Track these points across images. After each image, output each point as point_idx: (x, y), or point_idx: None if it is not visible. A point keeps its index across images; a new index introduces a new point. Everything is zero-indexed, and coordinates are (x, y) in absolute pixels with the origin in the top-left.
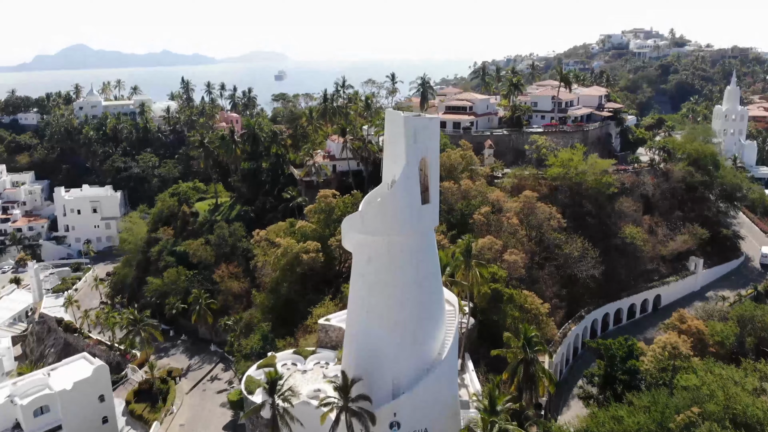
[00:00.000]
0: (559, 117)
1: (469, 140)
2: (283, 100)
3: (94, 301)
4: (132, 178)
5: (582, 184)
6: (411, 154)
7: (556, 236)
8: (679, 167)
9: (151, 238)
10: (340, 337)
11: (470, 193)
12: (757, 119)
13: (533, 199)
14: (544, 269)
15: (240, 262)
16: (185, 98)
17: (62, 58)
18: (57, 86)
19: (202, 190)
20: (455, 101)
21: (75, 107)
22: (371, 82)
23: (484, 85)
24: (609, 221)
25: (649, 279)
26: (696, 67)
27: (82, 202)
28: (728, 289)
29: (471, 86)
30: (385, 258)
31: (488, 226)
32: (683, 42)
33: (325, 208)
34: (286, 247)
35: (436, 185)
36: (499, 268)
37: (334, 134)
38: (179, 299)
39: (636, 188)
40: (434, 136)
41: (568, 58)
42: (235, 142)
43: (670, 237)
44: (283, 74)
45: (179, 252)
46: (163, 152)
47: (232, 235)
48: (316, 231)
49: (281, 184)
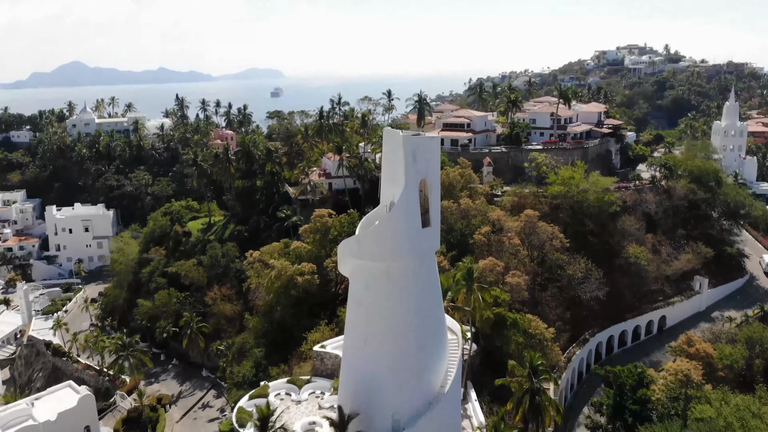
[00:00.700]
0: (558, 134)
1: (467, 158)
2: (278, 118)
3: (84, 323)
4: (125, 197)
5: (583, 203)
6: (410, 175)
7: (558, 256)
8: (681, 184)
9: (143, 258)
10: (337, 364)
11: (470, 212)
12: (755, 134)
13: (535, 218)
14: (547, 291)
15: (233, 283)
16: (180, 115)
17: (58, 75)
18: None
19: (195, 208)
20: (453, 118)
21: (68, 125)
22: (367, 99)
23: (481, 101)
24: (612, 240)
25: (653, 299)
26: (692, 82)
27: (74, 221)
28: (734, 309)
29: (467, 103)
30: (384, 284)
31: (489, 247)
32: (678, 58)
33: (320, 227)
34: (280, 269)
35: (437, 207)
36: (501, 291)
37: (330, 152)
38: (170, 322)
39: (638, 206)
40: (435, 156)
41: (564, 74)
42: (229, 159)
43: (674, 256)
44: (280, 91)
45: (171, 273)
46: (157, 170)
47: (225, 256)
48: (312, 252)
49: (276, 203)
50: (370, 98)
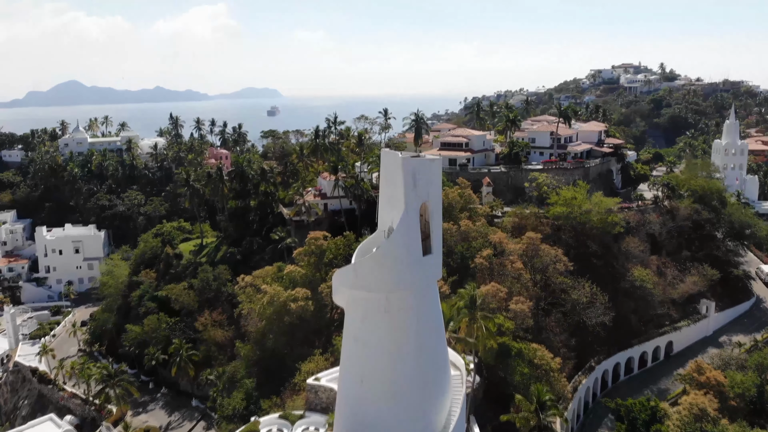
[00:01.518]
0: (558, 153)
1: (466, 177)
2: (273, 137)
3: (72, 348)
4: (117, 217)
5: (586, 224)
6: (410, 199)
7: (562, 280)
8: (684, 204)
9: (132, 281)
10: (332, 398)
11: (470, 234)
12: (755, 153)
13: (537, 240)
14: (551, 316)
15: (224, 308)
16: (174, 134)
17: (55, 94)
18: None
19: (188, 229)
20: (450, 137)
21: (60, 144)
22: (364, 118)
23: (479, 120)
24: (616, 263)
25: (660, 324)
26: (688, 101)
27: (64, 242)
28: (742, 333)
29: (463, 122)
30: (382, 317)
31: (490, 270)
32: (673, 76)
33: (315, 250)
34: (272, 295)
35: (438, 233)
36: (505, 319)
37: (326, 171)
38: (159, 349)
39: (641, 227)
40: (436, 179)
41: (559, 93)
42: (223, 179)
43: (679, 279)
44: (276, 110)
45: (161, 297)
46: (150, 189)
47: (217, 279)
48: (306, 276)
49: (270, 224)
50: (367, 117)
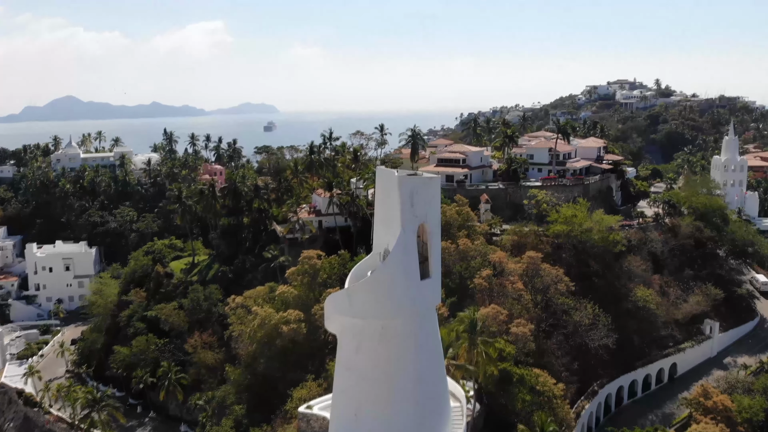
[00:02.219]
0: (557, 170)
1: (463, 194)
2: (267, 153)
3: (60, 369)
4: (108, 234)
5: (587, 242)
6: (407, 220)
7: (564, 301)
8: (686, 222)
9: (122, 300)
10: (324, 427)
11: (469, 253)
12: (754, 169)
13: (537, 259)
14: (552, 338)
15: (215, 329)
16: (168, 150)
17: (51, 109)
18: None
19: (179, 247)
20: (447, 153)
21: (53, 159)
22: (359, 134)
23: (476, 136)
24: (617, 282)
25: (663, 345)
26: (685, 116)
27: (55, 259)
28: (746, 355)
29: (460, 137)
30: (378, 346)
31: (490, 291)
32: (669, 92)
33: (308, 270)
34: (263, 318)
35: (437, 255)
36: (506, 343)
37: (321, 188)
38: (147, 372)
39: (643, 245)
40: (435, 198)
41: (555, 109)
42: (215, 196)
43: (682, 298)
44: (273, 125)
45: (150, 317)
46: (143, 206)
47: (208, 299)
48: (299, 297)
49: (263, 242)
50: (362, 133)
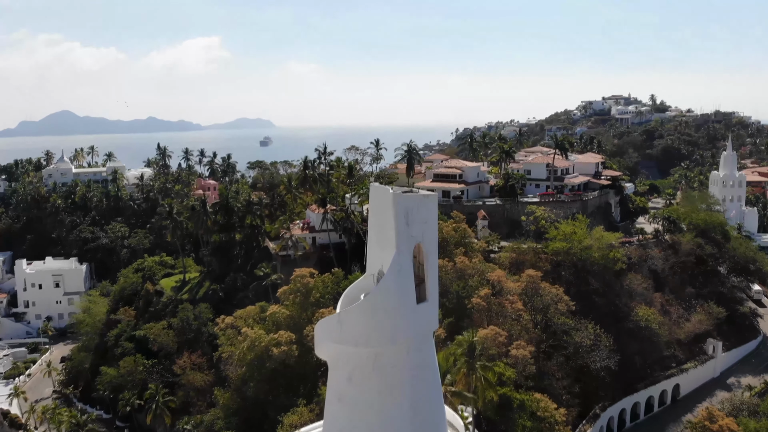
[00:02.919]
0: (555, 186)
1: (460, 210)
2: (260, 168)
3: (47, 389)
4: (99, 250)
5: (587, 260)
6: (402, 240)
7: (564, 321)
8: (686, 239)
9: (110, 319)
10: None
11: (466, 271)
12: (752, 184)
13: (537, 278)
14: (552, 360)
15: (205, 350)
16: (161, 165)
17: (47, 124)
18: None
19: (170, 264)
20: (444, 168)
21: (44, 174)
22: (354, 149)
23: (472, 151)
24: (618, 301)
25: (666, 366)
26: (680, 131)
27: (44, 276)
28: (750, 375)
29: (455, 152)
30: (371, 376)
31: (489, 311)
32: (664, 107)
33: (301, 289)
34: (253, 340)
35: (434, 278)
36: (505, 366)
37: (314, 204)
38: (135, 394)
39: (643, 263)
40: (431, 217)
41: (550, 124)
42: (207, 212)
43: (684, 317)
44: (269, 140)
45: (139, 337)
46: (135, 221)
47: (197, 319)
48: (291, 318)
49: (255, 259)
50: (357, 148)
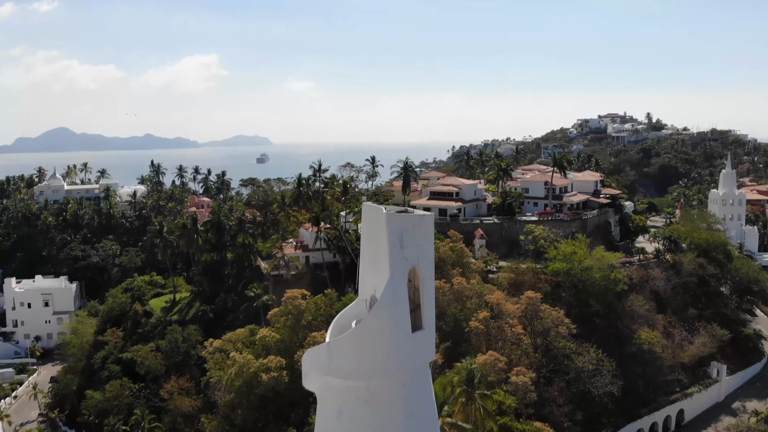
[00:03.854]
0: (554, 204)
1: (457, 229)
2: (252, 185)
3: (33, 412)
4: (90, 268)
5: (587, 281)
6: (397, 264)
7: (565, 344)
8: (688, 259)
9: (98, 341)
10: None
11: (464, 293)
12: (751, 202)
13: (537, 300)
14: (553, 385)
15: (193, 374)
16: (155, 182)
17: (44, 140)
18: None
19: (160, 284)
20: (440, 186)
21: (36, 191)
22: (349, 166)
23: (469, 169)
24: (620, 323)
25: (669, 390)
26: (677, 150)
27: (33, 295)
28: (756, 399)
29: (452, 170)
30: (362, 411)
31: (487, 335)
32: (660, 126)
33: (292, 311)
34: (242, 365)
35: (431, 304)
36: (505, 394)
37: (308, 222)
38: (121, 419)
39: (645, 283)
40: (428, 238)
41: (546, 142)
42: (197, 230)
43: (688, 340)
44: (265, 157)
45: (126, 360)
46: (127, 239)
47: (186, 341)
48: (282, 342)
49: (247, 279)
50: (353, 165)
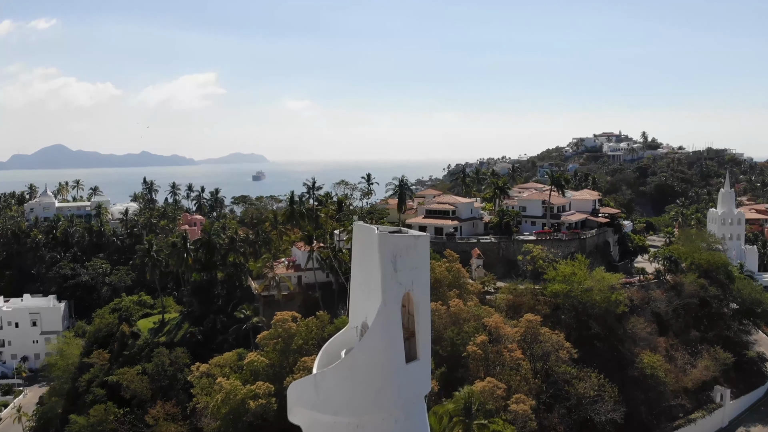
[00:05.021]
0: (552, 223)
1: (453, 248)
2: (244, 203)
3: None
4: (79, 287)
5: (587, 303)
6: (389, 288)
7: (566, 369)
8: (689, 279)
9: (83, 363)
10: None
11: (461, 315)
12: (750, 222)
13: (536, 323)
14: (554, 412)
15: (180, 398)
16: (147, 199)
17: (40, 157)
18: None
19: (149, 304)
20: (436, 204)
21: (26, 209)
22: (344, 183)
23: (465, 187)
24: (621, 347)
25: (672, 416)
26: (673, 169)
27: (21, 314)
28: (760, 424)
29: (448, 188)
30: None
31: (485, 360)
32: (656, 145)
33: (282, 334)
34: (228, 392)
35: (426, 331)
36: (504, 423)
37: (300, 241)
38: None
39: (646, 305)
40: (423, 261)
41: (542, 160)
42: (187, 249)
43: (690, 363)
44: (261, 175)
45: (111, 383)
46: (118, 257)
47: (173, 364)
48: (271, 366)
49: (237, 299)
50: (347, 182)
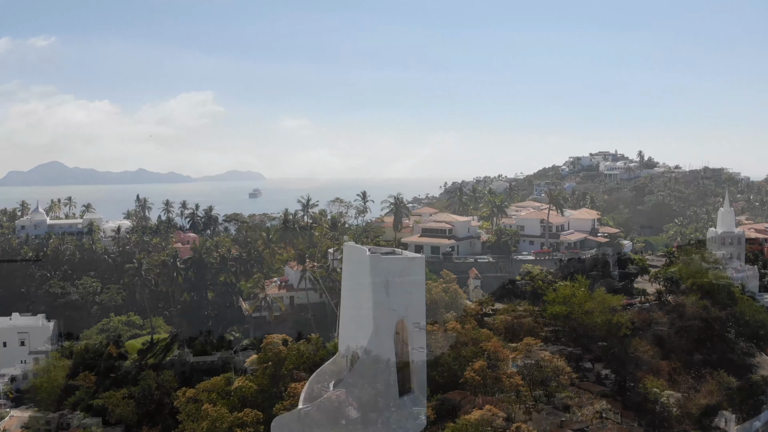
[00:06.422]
0: (550, 243)
1: (450, 268)
2: (236, 221)
3: None
4: (69, 306)
5: (588, 325)
6: (381, 314)
7: (567, 394)
8: (691, 300)
9: (69, 385)
10: None
11: (459, 339)
12: (749, 241)
13: (536, 347)
14: None
15: (167, 423)
16: (140, 217)
17: (36, 174)
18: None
19: (138, 324)
20: (433, 223)
21: (17, 226)
22: (338, 201)
23: (462, 205)
24: (623, 370)
25: None
26: (671, 188)
27: (9, 334)
28: None
29: (444, 206)
30: None
31: (484, 386)
32: (652, 164)
33: (272, 358)
34: (214, 420)
35: (421, 362)
36: None
37: (293, 260)
38: None
39: (647, 327)
40: (417, 285)
41: (539, 179)
42: (178, 268)
43: (694, 388)
44: (258, 192)
45: (96, 407)
46: (109, 276)
47: (160, 388)
48: (260, 392)
49: (227, 320)
50: (342, 200)
